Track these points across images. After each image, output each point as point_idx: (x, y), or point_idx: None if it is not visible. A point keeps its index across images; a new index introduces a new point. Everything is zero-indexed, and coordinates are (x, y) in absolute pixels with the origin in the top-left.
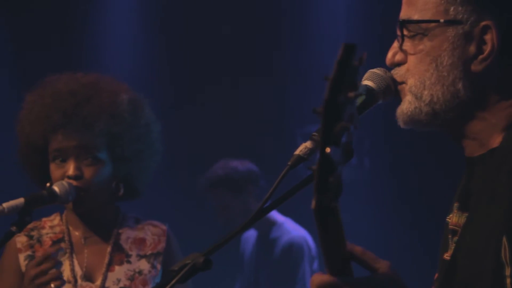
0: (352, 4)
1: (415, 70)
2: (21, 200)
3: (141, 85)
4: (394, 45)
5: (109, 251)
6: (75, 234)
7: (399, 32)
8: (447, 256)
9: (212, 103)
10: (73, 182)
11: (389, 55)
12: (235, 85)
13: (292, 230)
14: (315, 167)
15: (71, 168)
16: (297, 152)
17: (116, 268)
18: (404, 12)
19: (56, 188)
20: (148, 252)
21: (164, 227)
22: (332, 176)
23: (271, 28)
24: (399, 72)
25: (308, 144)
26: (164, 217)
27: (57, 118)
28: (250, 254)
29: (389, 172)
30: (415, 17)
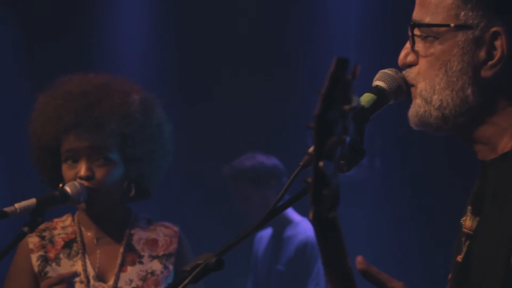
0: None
1: (426, 74)
2: (33, 201)
3: (153, 85)
4: (407, 46)
5: (122, 252)
6: (87, 235)
7: (411, 33)
8: (460, 258)
9: (224, 103)
10: (85, 183)
11: (401, 56)
12: (248, 84)
13: (308, 230)
14: (310, 180)
15: (83, 169)
16: (310, 151)
17: (129, 269)
18: (417, 13)
19: (68, 189)
20: (160, 253)
21: (176, 229)
22: (326, 189)
23: (284, 27)
24: (411, 75)
25: None
26: (175, 218)
27: (69, 119)
28: (264, 252)
29: (400, 172)
30: (427, 20)
